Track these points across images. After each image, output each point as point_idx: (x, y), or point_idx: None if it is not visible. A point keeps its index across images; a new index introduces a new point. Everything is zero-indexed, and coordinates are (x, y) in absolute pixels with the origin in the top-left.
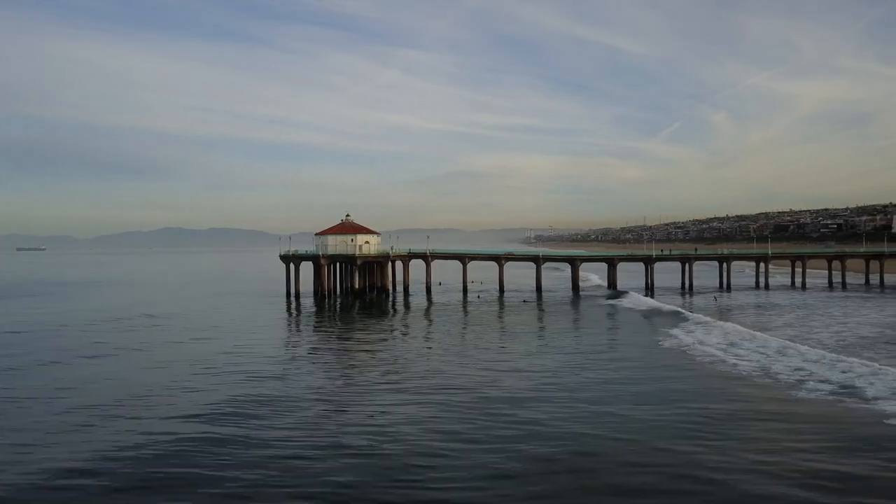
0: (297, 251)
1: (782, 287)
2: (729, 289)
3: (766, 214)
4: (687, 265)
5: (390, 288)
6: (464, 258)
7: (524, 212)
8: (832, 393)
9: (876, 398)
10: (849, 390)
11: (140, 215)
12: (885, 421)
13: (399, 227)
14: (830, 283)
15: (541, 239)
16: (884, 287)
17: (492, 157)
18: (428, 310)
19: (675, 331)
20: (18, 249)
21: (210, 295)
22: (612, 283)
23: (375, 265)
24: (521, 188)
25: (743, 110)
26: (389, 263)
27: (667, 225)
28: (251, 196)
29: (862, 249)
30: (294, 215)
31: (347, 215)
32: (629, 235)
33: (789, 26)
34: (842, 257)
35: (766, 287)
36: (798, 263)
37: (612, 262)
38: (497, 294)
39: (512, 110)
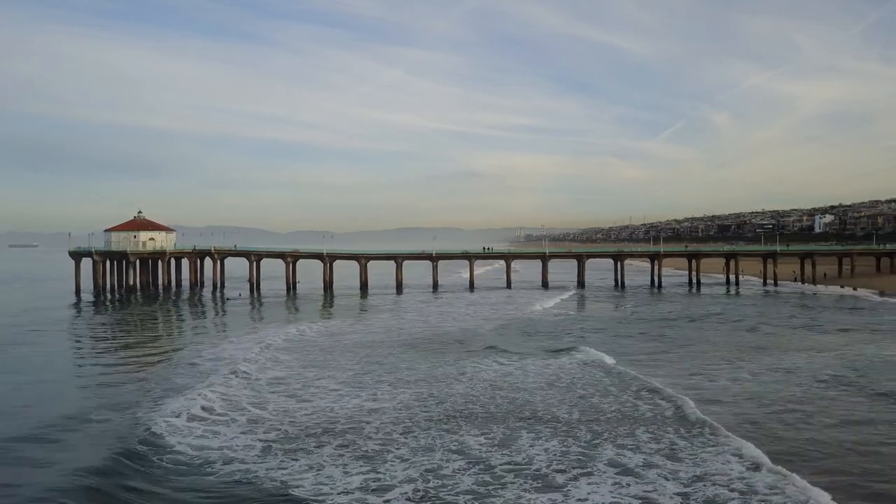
0: (82, 247)
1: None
2: (510, 286)
3: (739, 215)
4: (469, 262)
5: (164, 285)
6: (250, 256)
7: (525, 211)
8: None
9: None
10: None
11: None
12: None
13: (399, 226)
14: (617, 283)
15: (530, 238)
16: (661, 287)
17: (493, 156)
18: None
19: (268, 330)
20: (11, 246)
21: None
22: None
23: (156, 263)
24: (522, 188)
25: (745, 111)
26: (167, 261)
27: (643, 224)
28: (251, 194)
29: (639, 249)
30: (295, 214)
31: (140, 212)
32: (599, 235)
33: (791, 27)
34: (620, 256)
35: (547, 286)
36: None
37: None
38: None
39: (513, 110)
